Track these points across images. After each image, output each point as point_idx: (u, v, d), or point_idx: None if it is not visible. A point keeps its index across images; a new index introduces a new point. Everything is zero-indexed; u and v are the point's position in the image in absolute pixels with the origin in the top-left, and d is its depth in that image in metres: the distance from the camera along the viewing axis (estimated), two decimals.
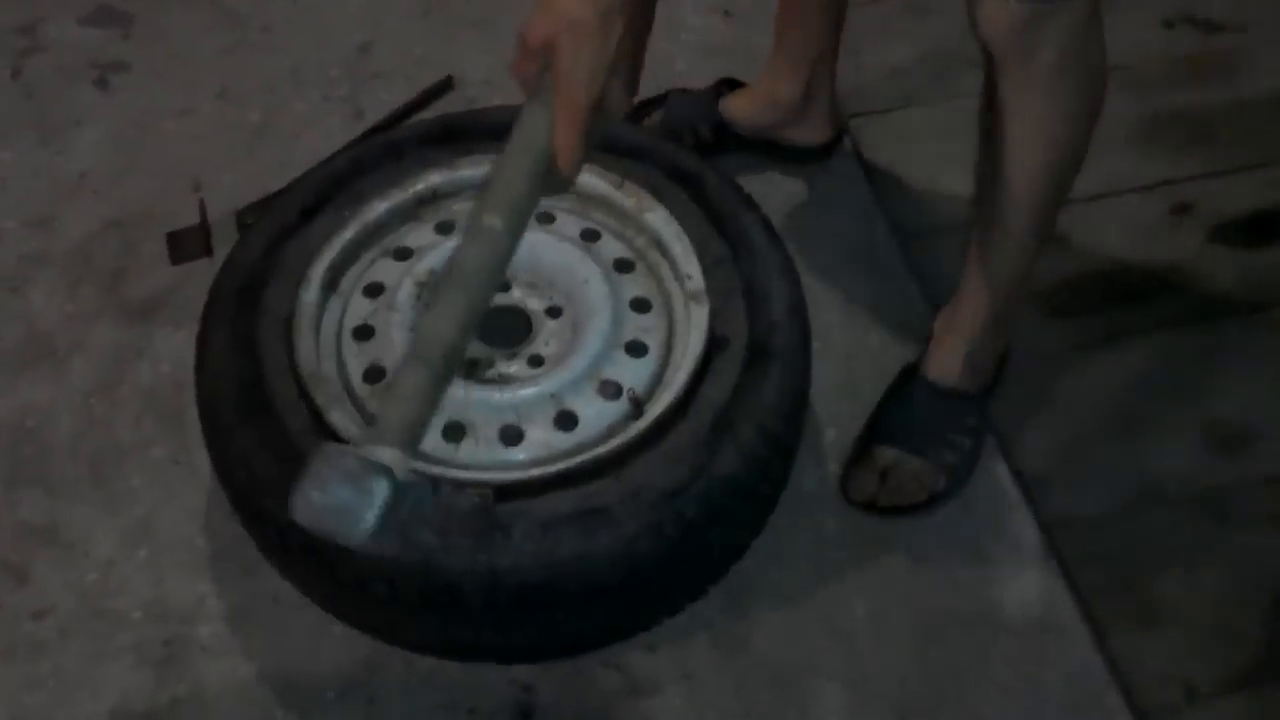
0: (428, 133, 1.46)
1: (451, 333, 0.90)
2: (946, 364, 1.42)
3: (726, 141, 1.73)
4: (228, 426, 1.21)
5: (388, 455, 0.86)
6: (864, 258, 1.65)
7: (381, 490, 0.83)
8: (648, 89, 1.80)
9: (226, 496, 1.24)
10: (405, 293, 1.31)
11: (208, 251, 1.68)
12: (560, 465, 1.16)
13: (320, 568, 1.17)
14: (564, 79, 0.89)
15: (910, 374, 1.45)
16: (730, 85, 1.76)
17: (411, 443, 0.89)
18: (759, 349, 1.25)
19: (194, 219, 1.71)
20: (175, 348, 1.57)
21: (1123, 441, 1.47)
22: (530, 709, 1.26)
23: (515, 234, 0.93)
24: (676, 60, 1.91)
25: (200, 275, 1.58)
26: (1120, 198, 1.71)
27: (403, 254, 1.37)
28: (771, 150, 1.74)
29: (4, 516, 1.44)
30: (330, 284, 1.33)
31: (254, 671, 1.31)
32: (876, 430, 1.43)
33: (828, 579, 1.35)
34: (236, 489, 1.21)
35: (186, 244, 1.69)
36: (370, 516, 0.83)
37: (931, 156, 1.76)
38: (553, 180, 0.93)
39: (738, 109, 1.72)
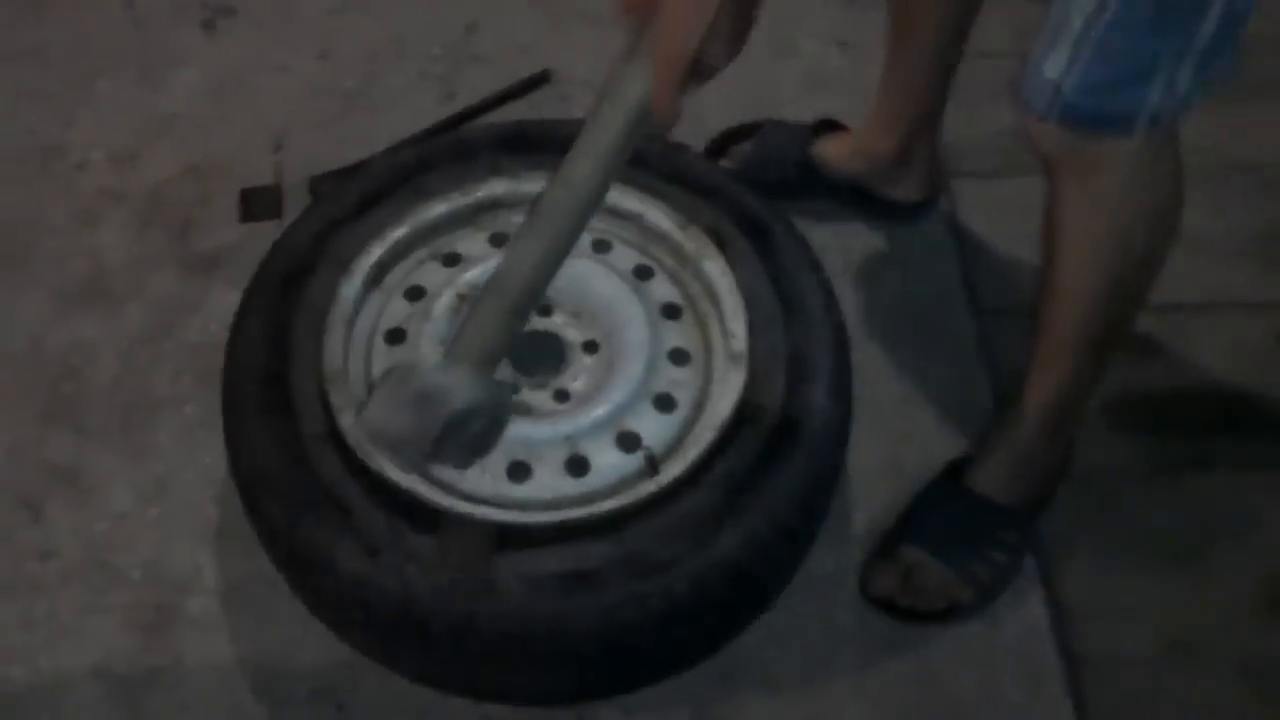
0: (502, 137, 1.44)
1: (528, 273, 0.96)
2: (993, 474, 1.35)
3: (815, 185, 1.67)
4: (243, 414, 1.22)
5: (459, 376, 0.95)
6: (935, 332, 1.58)
7: (445, 412, 0.93)
8: (743, 113, 1.76)
9: (233, 475, 1.25)
10: (444, 302, 1.29)
11: (278, 214, 1.70)
12: (558, 516, 1.14)
13: (306, 575, 1.17)
14: (664, 27, 0.88)
15: (955, 473, 1.39)
16: (829, 126, 1.71)
17: (484, 369, 0.98)
18: (790, 427, 1.20)
19: (270, 178, 1.73)
20: (227, 308, 1.54)
21: (1171, 581, 1.38)
22: None
23: (603, 182, 0.96)
24: (781, 86, 1.85)
25: (266, 236, 1.57)
26: (1224, 313, 1.61)
27: (451, 260, 1.36)
28: (861, 200, 1.68)
29: (31, 451, 1.48)
30: (374, 280, 1.33)
31: (234, 655, 1.32)
32: (907, 526, 1.37)
33: (827, 674, 1.30)
34: (241, 478, 1.21)
35: (258, 203, 1.71)
36: (432, 435, 0.93)
37: (1030, 233, 1.67)
38: (648, 126, 0.95)
39: (831, 154, 1.66)
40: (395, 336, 1.30)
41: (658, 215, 1.35)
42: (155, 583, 1.37)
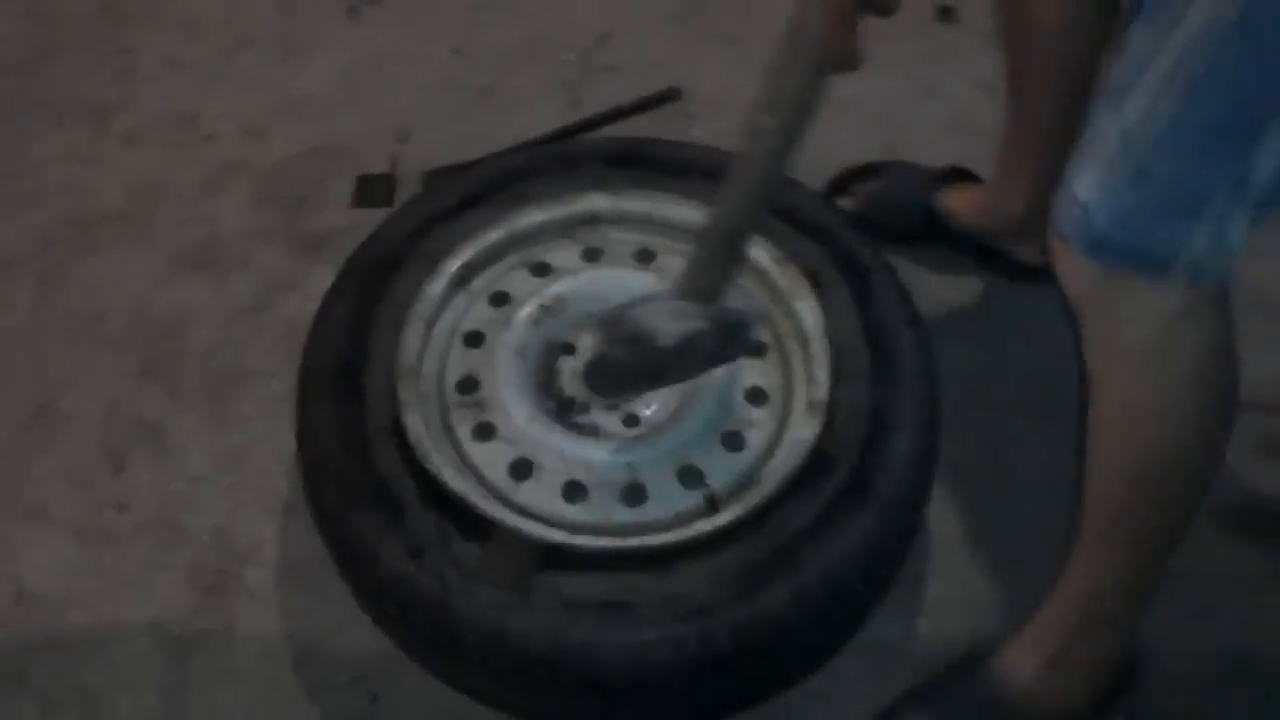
0: (610, 152, 1.44)
1: (730, 219, 1.10)
2: (1020, 657, 1.15)
3: (938, 234, 1.62)
4: (315, 397, 1.24)
5: (684, 307, 1.15)
6: (1046, 409, 1.51)
7: (675, 328, 1.15)
8: (874, 151, 1.72)
9: (299, 461, 1.28)
10: (526, 312, 1.30)
11: (389, 203, 1.73)
12: (607, 543, 1.13)
13: (352, 565, 1.19)
14: None
15: (981, 653, 1.19)
16: (961, 175, 1.65)
17: (704, 301, 1.15)
18: (861, 485, 1.16)
19: (388, 167, 1.77)
20: (325, 289, 1.61)
21: None
22: None
23: (790, 127, 1.03)
24: (918, 127, 1.81)
25: (373, 224, 1.62)
26: None
27: (541, 270, 1.36)
28: (984, 256, 1.62)
29: (125, 404, 1.54)
30: (460, 281, 1.34)
31: (283, 630, 1.34)
32: (915, 698, 1.21)
33: None
34: (304, 459, 1.23)
35: (372, 191, 1.74)
36: (665, 345, 1.15)
37: None
38: (830, 68, 0.99)
39: (958, 206, 1.60)
40: (474, 339, 1.31)
41: (757, 249, 1.33)
42: (220, 548, 1.41)
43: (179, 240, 1.69)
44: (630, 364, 1.19)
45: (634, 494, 1.19)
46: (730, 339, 1.20)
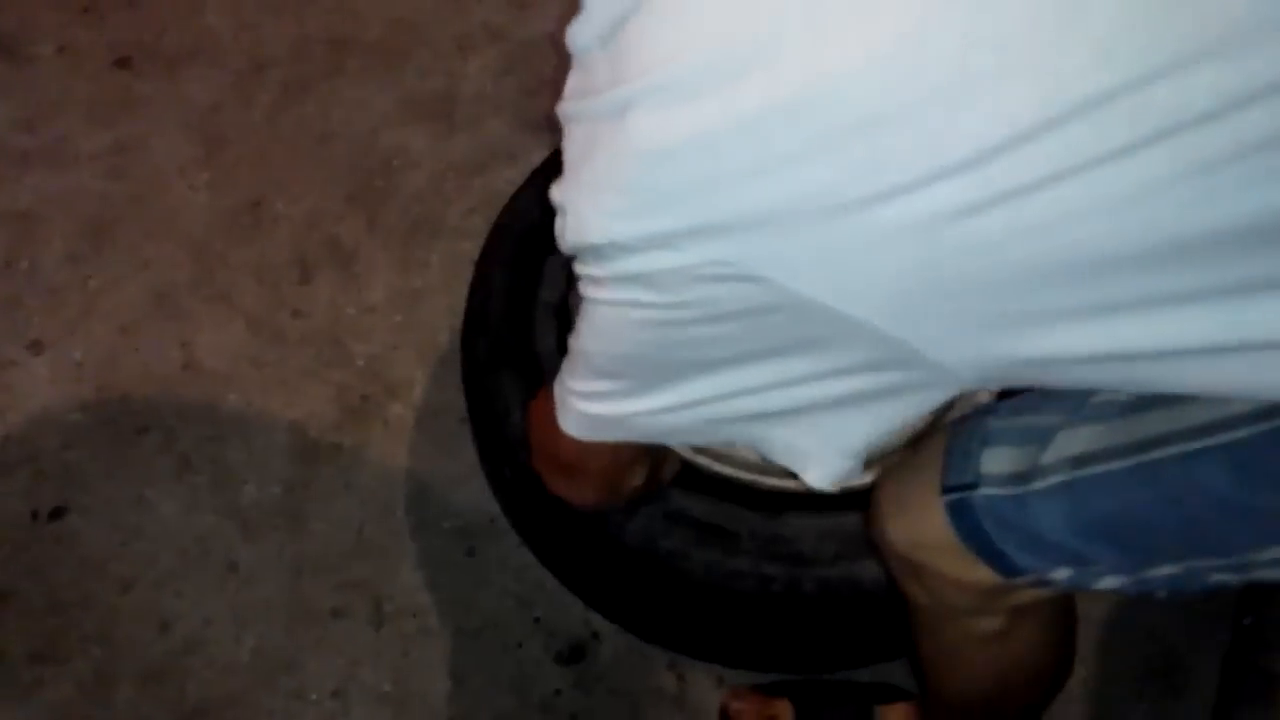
0: None
1: None
2: None
3: None
4: (494, 258, 1.33)
5: None
6: None
7: None
8: None
9: (465, 313, 1.36)
10: None
11: None
12: (729, 470, 1.18)
13: (484, 419, 1.28)
14: None
15: (880, 695, 1.23)
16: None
17: None
18: None
19: None
20: None
21: None
22: (583, 652, 1.32)
23: None
24: None
25: None
26: None
27: None
28: None
29: (326, 223, 1.67)
30: None
31: (405, 466, 1.46)
32: (801, 693, 1.25)
33: None
34: (469, 313, 1.32)
35: None
36: None
37: None
38: None
39: None
40: None
41: None
42: (372, 377, 1.53)
43: (419, 86, 1.82)
44: None
45: None
46: None
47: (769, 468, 1.21)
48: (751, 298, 0.61)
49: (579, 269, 0.67)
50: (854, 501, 1.16)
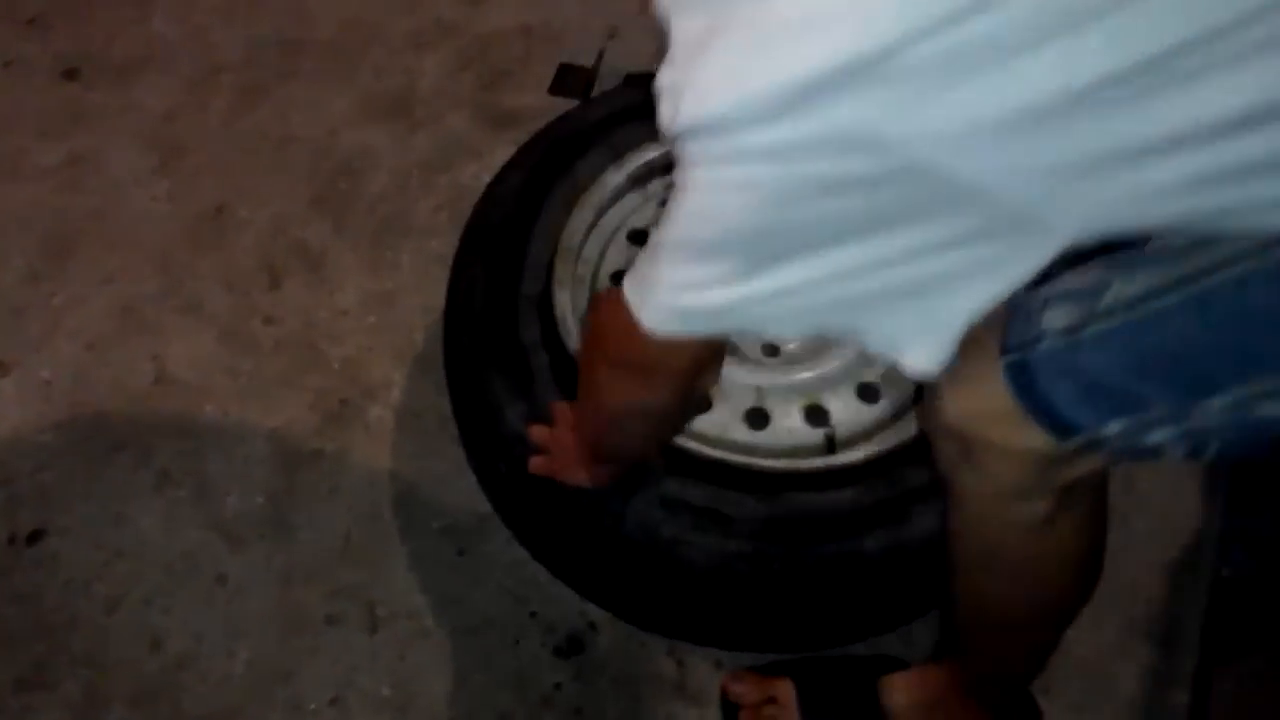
0: None
1: None
2: (904, 699, 1.20)
3: None
4: (474, 254, 1.33)
5: None
6: None
7: None
8: None
9: (445, 311, 1.37)
10: None
11: (585, 95, 1.81)
12: (721, 454, 1.20)
13: (473, 419, 1.28)
14: None
15: (884, 666, 1.24)
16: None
17: None
18: None
19: (591, 60, 1.85)
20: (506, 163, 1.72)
21: None
22: (582, 643, 1.33)
23: None
24: None
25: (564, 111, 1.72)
26: None
27: None
28: None
29: (293, 228, 1.66)
30: (640, 180, 1.41)
31: (390, 468, 1.45)
32: (803, 672, 1.26)
33: None
34: (450, 310, 1.33)
35: (571, 80, 1.83)
36: None
37: None
38: None
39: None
40: (638, 238, 1.38)
41: None
42: (349, 380, 1.53)
43: (377, 85, 1.81)
44: None
45: (757, 417, 1.25)
46: None
47: (761, 449, 1.23)
48: (871, 166, 0.64)
49: (691, 149, 0.69)
50: (847, 478, 1.18)
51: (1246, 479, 1.44)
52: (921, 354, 0.76)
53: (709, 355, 0.91)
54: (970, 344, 0.82)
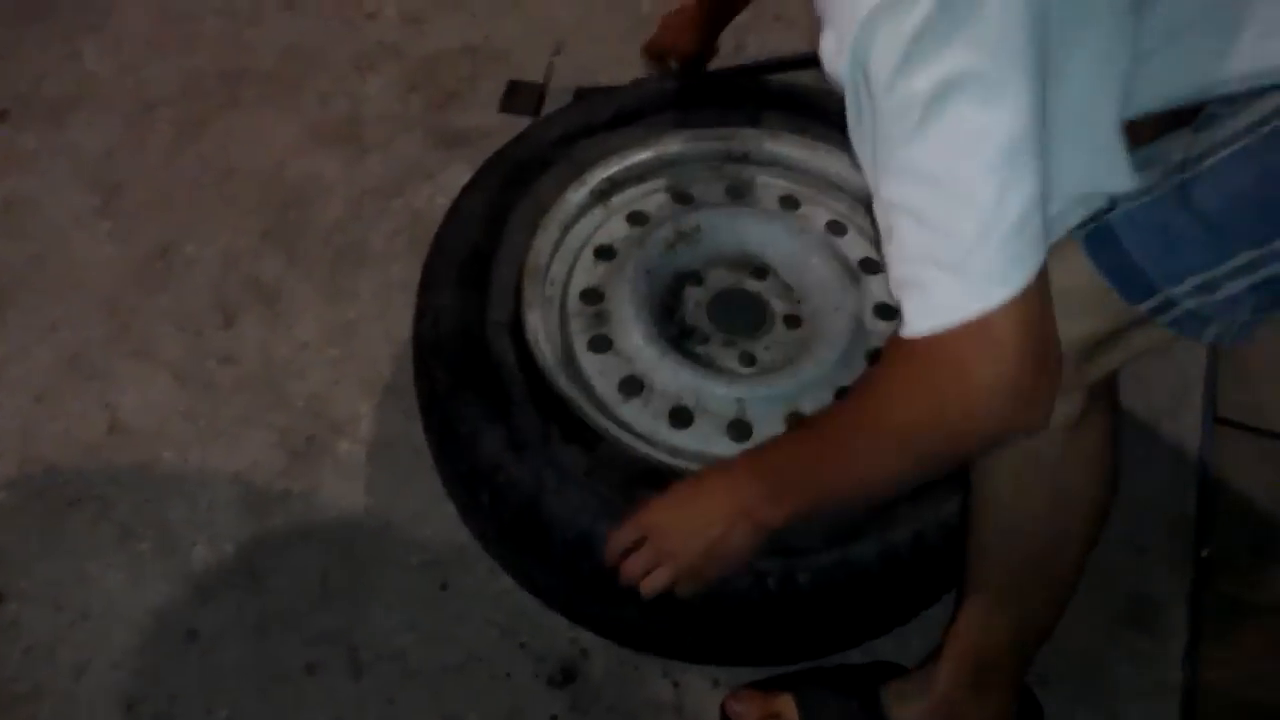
0: (773, 93, 1.49)
1: None
2: (906, 704, 1.19)
3: None
4: (440, 280, 1.31)
5: None
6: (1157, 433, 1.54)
7: None
8: None
9: (412, 333, 1.34)
10: (662, 235, 1.36)
11: (536, 112, 1.80)
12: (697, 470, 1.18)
13: (450, 449, 1.26)
14: None
15: (882, 674, 1.24)
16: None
17: None
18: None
19: (540, 77, 1.84)
20: (459, 185, 1.69)
21: None
22: (574, 672, 1.31)
23: None
24: None
25: (516, 129, 1.68)
26: None
27: (683, 198, 1.42)
28: None
29: (244, 262, 1.63)
30: (602, 195, 1.40)
31: (363, 505, 1.43)
32: (803, 687, 1.25)
33: None
34: (419, 339, 1.31)
35: (520, 97, 1.82)
36: None
37: None
38: None
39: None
40: (605, 253, 1.37)
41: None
42: (315, 416, 1.50)
43: (322, 112, 1.78)
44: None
45: (739, 429, 1.24)
46: None
47: None
48: None
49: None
50: None
51: None
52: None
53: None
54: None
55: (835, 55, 0.75)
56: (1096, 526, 1.05)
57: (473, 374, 1.23)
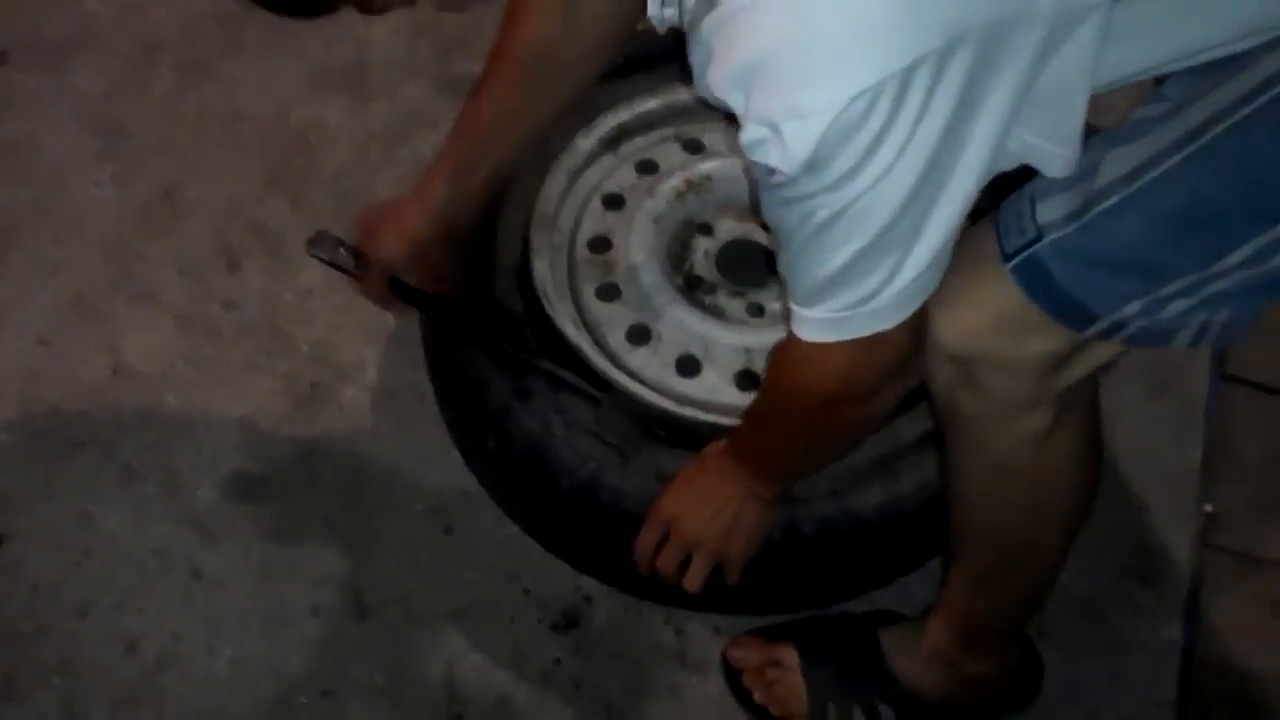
0: None
1: None
2: (903, 650, 1.22)
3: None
4: None
5: None
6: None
7: None
8: None
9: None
10: (671, 185, 1.37)
11: None
12: (713, 419, 1.20)
13: (457, 394, 1.28)
14: None
15: (883, 620, 1.27)
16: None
17: None
18: None
19: None
20: None
21: None
22: (578, 618, 1.33)
23: None
24: None
25: None
26: None
27: (693, 146, 1.43)
28: None
29: (247, 208, 1.64)
30: (611, 142, 1.41)
31: (368, 451, 1.44)
32: (806, 633, 1.28)
33: None
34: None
35: None
36: None
37: None
38: None
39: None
40: (614, 202, 1.38)
41: None
42: (320, 362, 1.51)
43: (327, 57, 1.78)
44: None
45: (747, 379, 1.26)
46: None
47: None
48: None
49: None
50: None
51: None
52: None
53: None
54: (961, 262, 0.85)
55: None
56: (1079, 518, 1.07)
57: (481, 322, 1.25)
